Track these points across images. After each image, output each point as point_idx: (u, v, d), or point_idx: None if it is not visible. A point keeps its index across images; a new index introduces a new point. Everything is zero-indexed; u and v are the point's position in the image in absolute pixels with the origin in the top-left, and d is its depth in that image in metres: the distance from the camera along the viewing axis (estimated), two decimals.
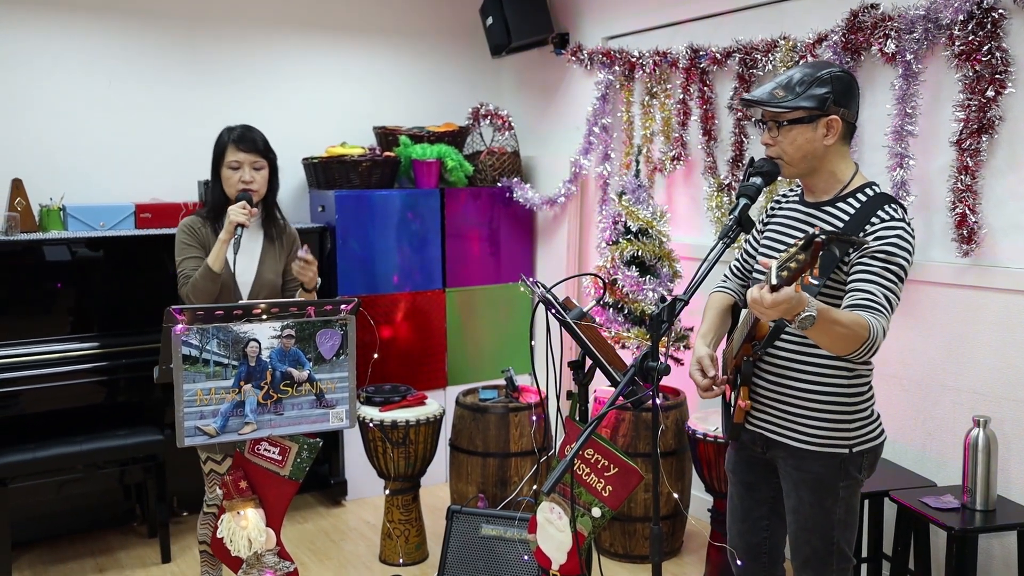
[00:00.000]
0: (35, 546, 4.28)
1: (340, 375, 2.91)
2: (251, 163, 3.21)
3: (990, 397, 3.23)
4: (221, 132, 3.28)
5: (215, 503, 3.27)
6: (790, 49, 3.76)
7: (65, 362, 4.03)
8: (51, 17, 4.38)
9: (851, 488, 2.45)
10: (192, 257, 3.21)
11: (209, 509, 3.31)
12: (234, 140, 3.21)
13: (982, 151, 3.17)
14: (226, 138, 3.24)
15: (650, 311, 4.10)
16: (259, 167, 3.23)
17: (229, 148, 3.21)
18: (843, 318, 2.13)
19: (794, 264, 1.90)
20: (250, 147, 3.21)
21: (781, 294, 1.94)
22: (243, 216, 3.10)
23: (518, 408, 4.12)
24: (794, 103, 2.33)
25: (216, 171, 3.26)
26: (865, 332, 2.14)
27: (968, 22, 3.14)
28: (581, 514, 2.78)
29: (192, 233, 3.24)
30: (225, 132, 3.27)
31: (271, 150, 3.29)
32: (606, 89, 4.75)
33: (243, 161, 3.20)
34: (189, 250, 3.22)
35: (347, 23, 5.16)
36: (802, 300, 2.00)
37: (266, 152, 3.26)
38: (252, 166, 3.21)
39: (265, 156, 3.25)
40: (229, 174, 3.21)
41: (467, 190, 5.08)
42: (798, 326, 2.05)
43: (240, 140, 3.21)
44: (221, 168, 3.23)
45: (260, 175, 3.24)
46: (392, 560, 4.12)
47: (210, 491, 3.27)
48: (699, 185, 4.38)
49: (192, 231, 3.24)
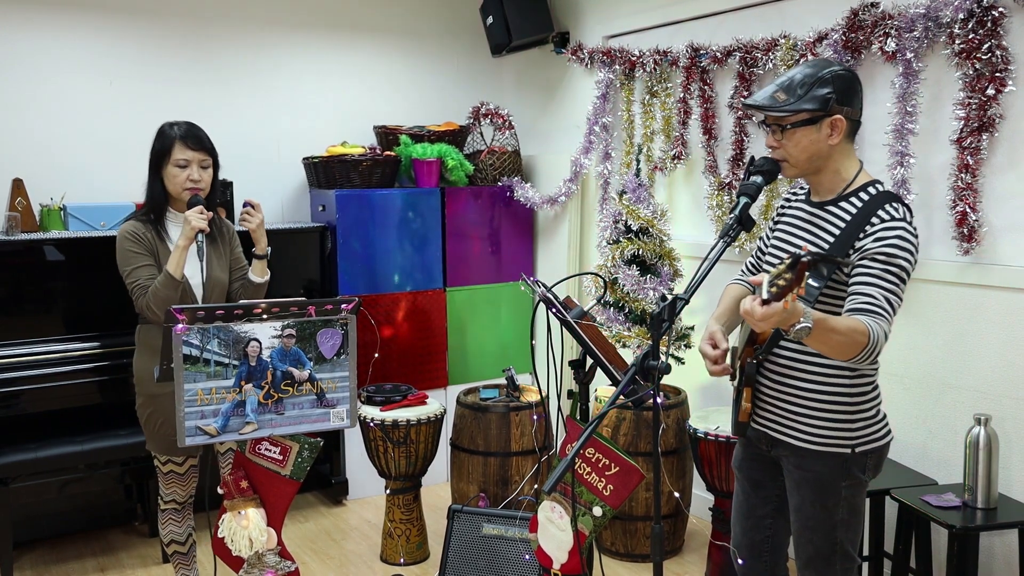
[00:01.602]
0: (37, 545, 4.28)
1: (341, 374, 2.91)
2: (199, 161, 3.11)
3: (991, 395, 3.23)
4: (162, 127, 3.14)
5: (171, 499, 3.28)
6: (790, 48, 3.76)
7: (66, 362, 4.03)
8: (52, 17, 4.39)
9: (854, 488, 2.44)
10: (143, 265, 3.08)
11: (167, 505, 3.30)
12: (181, 137, 3.09)
13: (982, 149, 3.17)
14: (171, 134, 3.10)
15: (651, 310, 4.10)
16: (206, 165, 3.14)
17: (176, 145, 3.08)
18: (840, 326, 2.12)
19: (782, 282, 1.92)
20: (197, 145, 3.10)
21: (770, 308, 1.95)
22: (203, 222, 3.01)
23: (519, 407, 4.12)
24: (797, 106, 2.32)
25: (158, 168, 3.13)
26: (864, 339, 2.14)
27: (968, 20, 3.14)
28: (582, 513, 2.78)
29: (138, 240, 3.10)
30: (167, 127, 3.13)
31: (215, 148, 3.18)
32: (606, 88, 4.75)
33: (191, 159, 3.09)
34: (139, 258, 3.09)
35: (348, 22, 5.16)
36: (796, 312, 2.01)
37: (212, 150, 3.16)
38: (200, 164, 3.11)
39: (211, 154, 3.15)
40: (176, 172, 3.09)
41: (468, 189, 5.08)
42: (793, 337, 2.06)
43: (187, 137, 3.09)
44: (165, 166, 3.10)
45: (207, 174, 3.14)
46: (393, 559, 4.13)
47: (166, 488, 3.26)
48: (700, 184, 4.38)
49: (137, 238, 3.10)
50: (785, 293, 1.93)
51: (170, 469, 3.24)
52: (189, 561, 3.39)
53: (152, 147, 3.14)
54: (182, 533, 3.34)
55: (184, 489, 3.29)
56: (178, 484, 3.27)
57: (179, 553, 3.36)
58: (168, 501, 3.29)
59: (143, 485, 4.36)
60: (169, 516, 3.31)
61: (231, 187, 4.64)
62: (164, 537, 3.34)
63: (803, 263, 1.90)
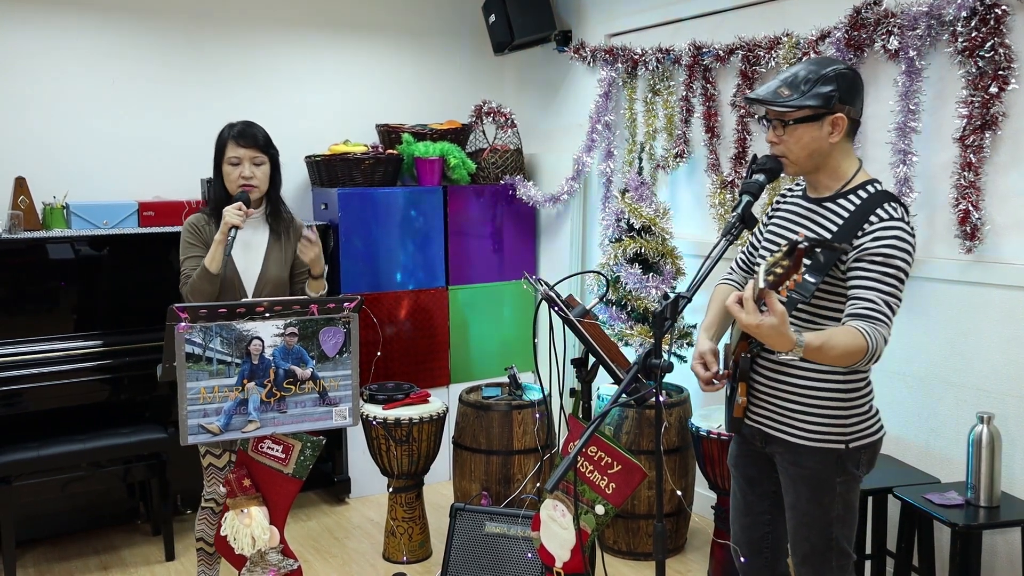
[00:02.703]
0: (39, 544, 4.28)
1: (343, 373, 2.91)
2: (251, 159, 3.19)
3: (994, 393, 3.23)
4: (222, 128, 3.26)
5: (212, 498, 3.27)
6: (793, 46, 3.76)
7: (69, 360, 4.03)
8: (55, 16, 4.39)
9: (848, 484, 2.45)
10: (194, 256, 3.20)
11: (207, 504, 3.30)
12: (234, 136, 3.19)
13: (985, 147, 3.17)
14: (226, 134, 3.22)
15: (653, 308, 4.10)
16: (259, 162, 3.21)
17: (229, 144, 3.19)
18: (835, 347, 2.16)
19: (779, 269, 1.92)
20: (250, 142, 3.19)
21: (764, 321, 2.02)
22: (238, 217, 3.07)
23: (521, 405, 4.12)
24: (799, 102, 2.32)
25: (218, 168, 3.24)
26: (861, 353, 2.17)
27: (971, 18, 3.14)
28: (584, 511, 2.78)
29: (195, 232, 3.23)
30: (226, 128, 3.25)
31: (272, 145, 3.27)
32: (609, 86, 4.74)
33: (243, 157, 3.18)
34: (192, 249, 3.21)
35: (350, 21, 5.16)
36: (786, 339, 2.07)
37: (267, 147, 3.23)
38: (252, 161, 3.19)
39: (266, 151, 3.23)
40: (229, 170, 3.19)
41: (470, 188, 5.08)
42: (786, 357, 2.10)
43: (240, 136, 3.19)
44: (222, 164, 3.22)
45: (260, 171, 3.21)
46: (396, 558, 4.13)
47: (208, 485, 3.27)
48: (702, 182, 4.38)
49: (195, 230, 3.23)
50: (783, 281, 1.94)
51: (209, 463, 3.24)
52: (213, 562, 3.40)
53: (215, 145, 3.25)
54: (213, 535, 3.34)
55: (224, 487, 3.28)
56: (218, 481, 3.25)
57: (205, 552, 3.37)
58: (209, 500, 3.29)
59: (146, 484, 4.36)
60: (205, 516, 3.32)
61: None
62: (196, 533, 3.36)
63: (800, 249, 1.90)
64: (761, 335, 2.06)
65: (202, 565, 3.39)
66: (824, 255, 2.26)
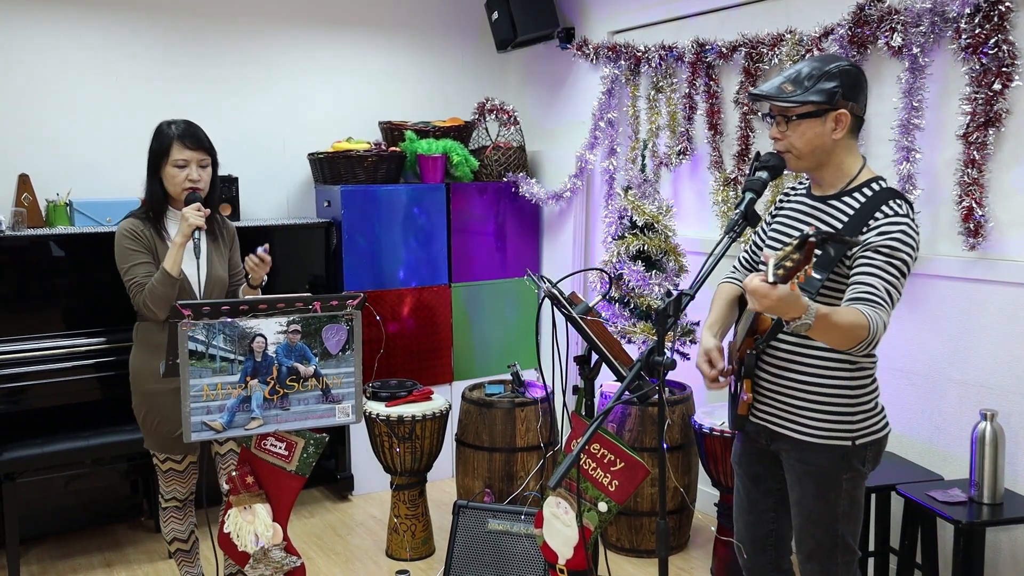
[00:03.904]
0: (43, 541, 4.29)
1: (346, 370, 2.91)
2: (198, 161, 3.10)
3: (997, 390, 3.23)
4: (160, 125, 3.13)
5: (172, 496, 3.28)
6: (796, 43, 3.75)
7: (72, 357, 4.04)
8: (58, 13, 4.39)
9: (854, 481, 2.45)
10: (141, 263, 3.08)
11: (167, 504, 3.30)
12: (179, 136, 3.07)
13: (989, 144, 3.16)
14: (169, 134, 3.09)
15: (656, 306, 4.10)
16: (204, 164, 3.13)
17: (175, 145, 3.07)
18: (841, 320, 2.13)
19: (789, 263, 1.92)
20: (196, 144, 3.09)
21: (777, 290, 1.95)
22: (200, 219, 3.00)
23: (524, 403, 4.12)
24: (803, 97, 2.33)
25: (156, 168, 3.12)
26: (864, 332, 2.15)
27: (975, 15, 3.13)
28: (587, 508, 2.78)
29: (136, 238, 3.10)
30: (166, 126, 3.11)
31: (213, 146, 3.18)
32: (612, 83, 4.74)
33: (190, 159, 3.08)
34: (136, 256, 3.09)
35: (353, 18, 5.16)
36: (799, 305, 2.01)
37: (211, 149, 3.15)
38: (199, 164, 3.10)
39: (210, 153, 3.14)
40: (175, 172, 3.08)
41: (473, 185, 5.08)
42: (793, 331, 2.07)
43: (185, 136, 3.08)
44: (164, 166, 3.10)
45: (206, 173, 3.13)
46: (399, 555, 4.13)
47: (166, 485, 3.27)
48: (705, 179, 4.38)
49: (136, 235, 3.10)
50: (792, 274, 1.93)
51: (169, 467, 3.24)
52: (192, 558, 3.39)
53: (150, 146, 3.13)
54: (184, 530, 3.34)
55: (184, 486, 3.29)
56: (178, 481, 3.27)
57: (182, 551, 3.36)
58: (169, 499, 3.29)
59: (149, 480, 4.37)
60: (171, 514, 3.31)
61: (236, 183, 4.65)
62: (167, 535, 3.34)
63: (811, 242, 1.89)
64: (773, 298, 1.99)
65: (183, 565, 3.39)
66: (834, 248, 2.26)
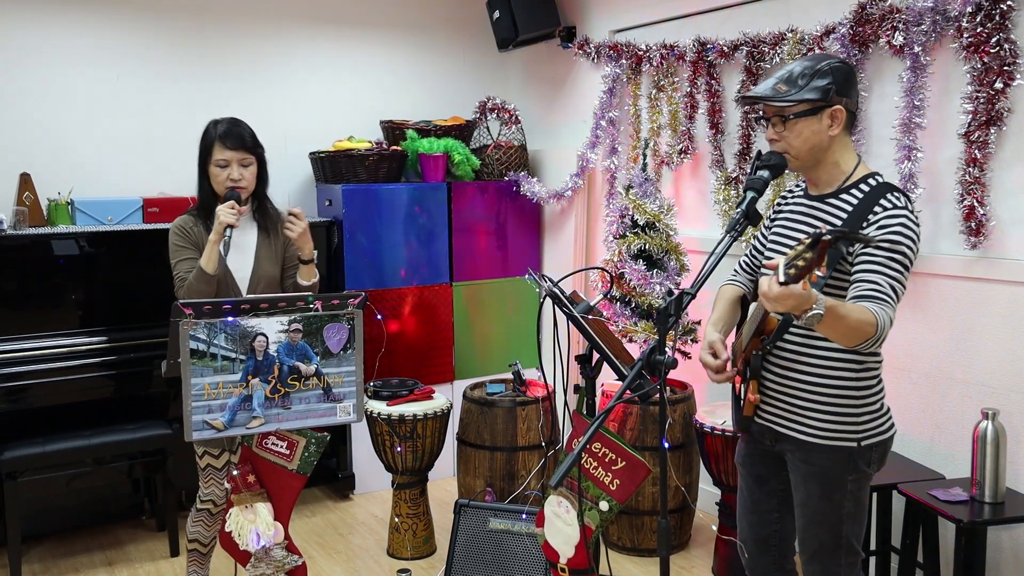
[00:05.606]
0: (45, 540, 4.30)
1: (347, 369, 2.91)
2: (239, 160, 3.13)
3: (998, 389, 3.22)
4: (207, 126, 3.18)
5: (210, 499, 3.26)
6: (797, 42, 3.75)
7: (73, 356, 4.04)
8: (60, 11, 4.39)
9: (859, 482, 2.44)
10: (187, 259, 3.14)
11: (203, 506, 3.28)
12: (220, 137, 3.11)
13: (990, 143, 3.16)
14: (212, 134, 3.14)
15: (657, 305, 4.10)
16: (247, 163, 3.15)
17: (216, 146, 3.11)
18: (850, 314, 2.13)
19: (801, 262, 1.91)
20: (237, 144, 3.12)
21: (789, 288, 1.94)
22: (232, 217, 3.02)
23: (525, 402, 4.12)
24: (798, 96, 2.34)
25: (203, 168, 3.17)
26: (872, 328, 2.14)
27: (976, 14, 3.13)
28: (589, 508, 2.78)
29: (184, 234, 3.17)
30: (211, 127, 3.16)
31: (259, 144, 3.20)
32: (613, 82, 4.74)
33: (231, 159, 3.12)
34: (183, 251, 3.15)
35: (354, 17, 5.16)
36: (810, 297, 2.00)
37: (254, 147, 3.17)
38: (240, 163, 3.13)
39: (253, 151, 3.16)
40: (217, 172, 3.13)
41: (474, 184, 5.08)
42: (805, 323, 2.06)
43: (227, 136, 3.11)
44: (208, 165, 3.15)
45: (248, 171, 3.15)
46: (400, 554, 4.13)
47: (206, 486, 3.25)
48: (706, 178, 4.37)
49: (184, 232, 3.17)
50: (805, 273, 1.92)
51: (207, 463, 3.21)
52: (205, 562, 3.39)
53: (199, 145, 3.18)
54: (208, 536, 3.33)
55: (222, 488, 3.24)
56: (216, 481, 3.23)
57: (199, 552, 3.35)
58: (206, 501, 3.26)
59: (150, 480, 4.38)
60: (202, 518, 3.30)
61: None
62: (189, 534, 3.33)
63: (824, 241, 1.89)
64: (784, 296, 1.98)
65: (193, 565, 3.38)
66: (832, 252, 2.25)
